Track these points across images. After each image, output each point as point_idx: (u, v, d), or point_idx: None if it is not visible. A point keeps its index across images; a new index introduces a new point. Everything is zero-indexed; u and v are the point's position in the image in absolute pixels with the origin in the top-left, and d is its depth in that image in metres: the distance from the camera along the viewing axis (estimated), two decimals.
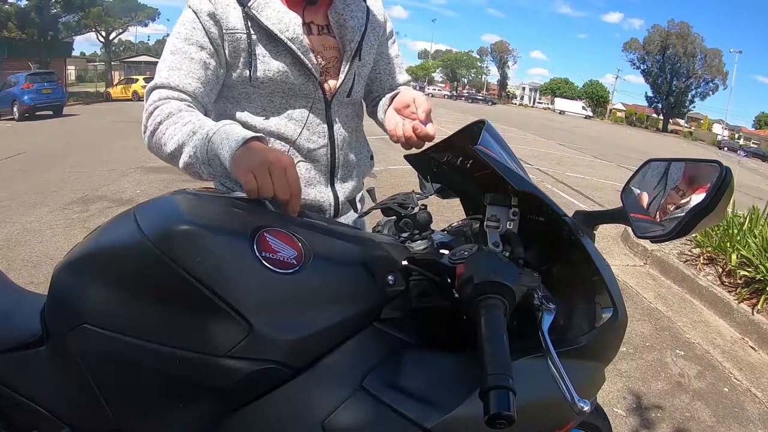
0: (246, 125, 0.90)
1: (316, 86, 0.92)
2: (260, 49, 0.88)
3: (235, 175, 0.69)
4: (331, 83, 0.95)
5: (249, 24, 0.86)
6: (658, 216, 0.67)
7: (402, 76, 1.11)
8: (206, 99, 0.88)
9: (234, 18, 0.85)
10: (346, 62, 0.94)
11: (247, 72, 0.88)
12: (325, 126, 0.95)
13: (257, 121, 0.91)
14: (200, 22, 0.85)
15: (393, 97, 0.94)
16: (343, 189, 1.01)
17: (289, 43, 0.87)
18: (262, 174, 0.64)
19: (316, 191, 0.97)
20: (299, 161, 0.94)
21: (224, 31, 0.86)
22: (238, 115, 0.92)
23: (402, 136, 0.84)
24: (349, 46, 0.94)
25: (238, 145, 0.69)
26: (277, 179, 0.65)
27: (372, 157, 1.10)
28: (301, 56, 0.88)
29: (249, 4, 0.86)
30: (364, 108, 1.12)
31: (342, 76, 0.94)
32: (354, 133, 1.03)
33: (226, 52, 0.87)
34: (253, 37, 0.87)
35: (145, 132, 0.84)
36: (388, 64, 1.08)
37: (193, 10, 0.86)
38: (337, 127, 0.97)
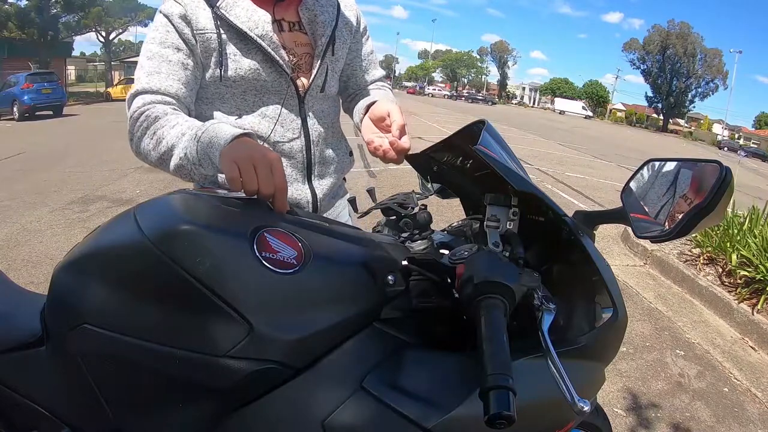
0: None
1: (288, 82, 0.92)
2: (231, 48, 0.88)
3: (222, 170, 0.69)
4: (304, 79, 0.95)
5: (219, 23, 0.86)
6: (658, 216, 0.67)
7: (377, 72, 1.12)
8: (189, 99, 0.88)
9: (203, 18, 0.86)
10: (317, 58, 0.95)
11: (219, 71, 0.88)
12: (299, 122, 0.95)
13: (231, 120, 0.91)
14: (172, 25, 0.86)
15: (369, 105, 0.93)
16: (321, 186, 1.01)
17: (259, 41, 0.87)
18: (247, 167, 0.64)
19: (293, 189, 0.97)
20: None
21: (195, 31, 0.86)
22: (214, 115, 0.92)
23: (382, 154, 0.83)
24: (320, 41, 0.95)
25: (226, 142, 0.69)
26: (261, 174, 0.64)
27: (351, 153, 1.10)
28: (272, 53, 0.88)
29: (218, 4, 0.86)
30: (341, 104, 1.12)
31: (314, 71, 0.95)
32: (330, 129, 1.03)
33: (199, 52, 0.88)
34: (223, 36, 0.87)
35: (131, 139, 0.84)
36: (362, 61, 1.09)
37: (164, 14, 0.86)
38: (312, 123, 0.97)
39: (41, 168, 6.20)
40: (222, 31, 0.87)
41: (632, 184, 0.74)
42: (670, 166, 0.70)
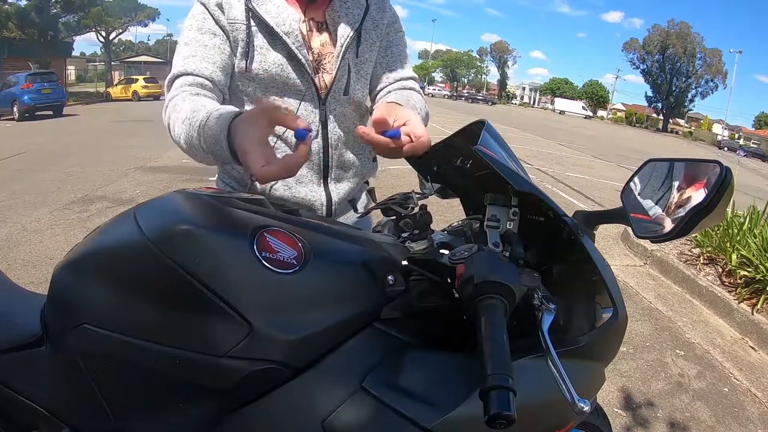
0: None
1: (309, 82, 0.93)
2: (259, 41, 0.90)
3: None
4: (327, 79, 0.95)
5: (249, 15, 0.89)
6: (658, 216, 0.67)
7: (402, 71, 1.04)
8: (223, 83, 0.90)
9: (236, 9, 0.89)
10: (337, 59, 0.95)
11: (245, 63, 0.90)
12: (318, 123, 0.95)
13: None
14: (209, 12, 0.89)
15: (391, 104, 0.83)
16: (338, 189, 1.00)
17: (285, 37, 0.89)
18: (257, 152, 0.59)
19: (307, 189, 0.96)
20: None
21: (228, 20, 0.89)
22: (236, 107, 0.91)
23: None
24: (341, 42, 0.94)
25: (226, 143, 0.66)
26: (267, 153, 0.60)
27: (375, 159, 1.09)
28: (295, 51, 0.90)
29: None
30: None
31: (334, 72, 0.94)
32: (353, 133, 1.01)
33: (230, 41, 0.90)
34: (253, 28, 0.89)
35: (167, 126, 0.84)
36: (383, 57, 1.03)
37: (201, 2, 0.89)
38: (332, 126, 0.97)
39: (41, 168, 6.20)
40: (252, 23, 0.89)
41: (632, 184, 0.74)
42: (670, 166, 0.70)
